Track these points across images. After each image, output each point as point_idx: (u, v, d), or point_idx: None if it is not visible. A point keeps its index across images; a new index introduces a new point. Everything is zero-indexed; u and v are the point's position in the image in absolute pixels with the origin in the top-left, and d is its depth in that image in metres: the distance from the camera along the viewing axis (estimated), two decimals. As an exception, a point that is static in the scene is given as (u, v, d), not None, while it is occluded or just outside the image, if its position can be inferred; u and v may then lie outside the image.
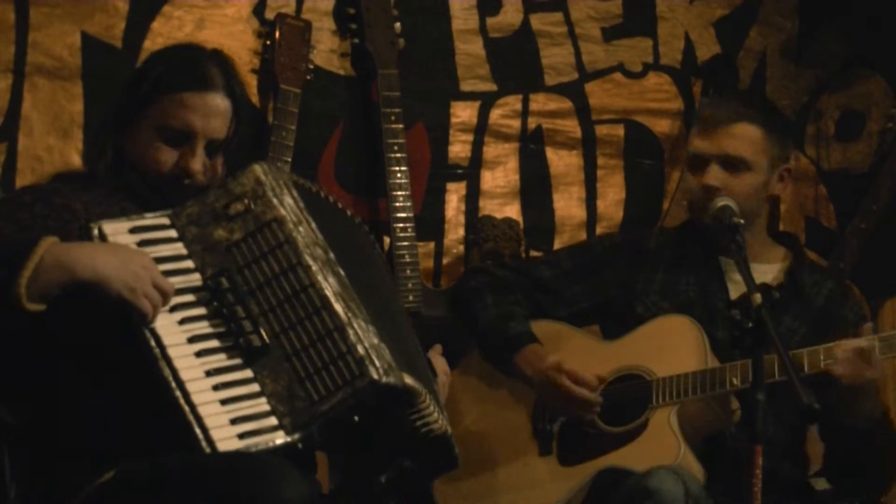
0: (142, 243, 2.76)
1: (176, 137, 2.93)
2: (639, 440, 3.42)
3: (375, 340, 2.76)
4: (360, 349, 2.71)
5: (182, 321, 2.73)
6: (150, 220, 2.82)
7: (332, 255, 2.83)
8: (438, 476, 3.50)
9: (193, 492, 2.60)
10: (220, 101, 2.95)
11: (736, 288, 3.50)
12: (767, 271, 3.56)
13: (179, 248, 2.80)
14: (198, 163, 2.94)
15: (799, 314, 3.55)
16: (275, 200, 2.82)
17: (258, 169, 2.86)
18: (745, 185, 3.48)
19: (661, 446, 3.35)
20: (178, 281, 2.75)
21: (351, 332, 2.72)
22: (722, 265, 3.56)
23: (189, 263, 2.79)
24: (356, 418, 2.73)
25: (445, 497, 3.69)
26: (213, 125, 2.94)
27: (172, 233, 2.81)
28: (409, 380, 2.78)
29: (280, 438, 2.67)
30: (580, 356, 3.54)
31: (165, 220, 2.82)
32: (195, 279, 2.78)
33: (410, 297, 4.15)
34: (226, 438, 2.63)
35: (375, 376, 2.70)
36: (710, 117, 3.53)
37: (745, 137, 3.49)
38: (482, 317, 3.64)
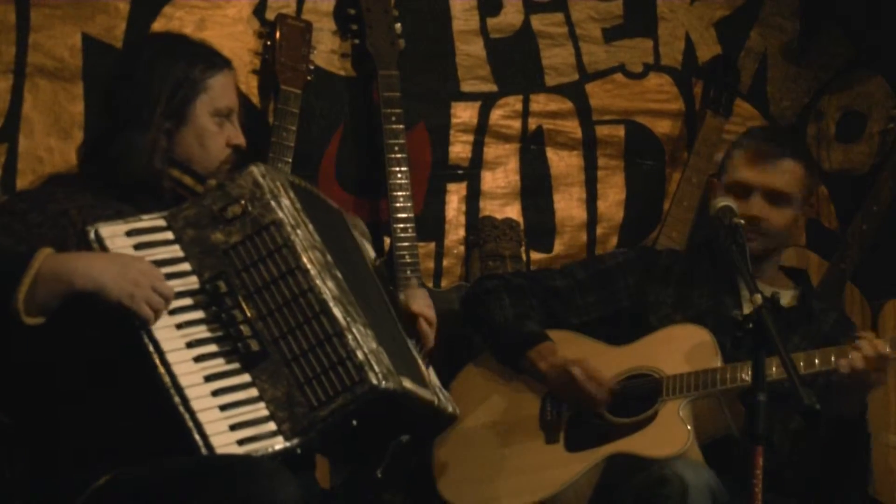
0: (139, 246, 2.76)
1: (222, 118, 2.98)
2: (647, 429, 3.44)
3: (374, 345, 2.76)
4: (360, 354, 2.71)
5: (180, 325, 2.73)
6: (146, 222, 2.81)
7: (329, 258, 2.83)
8: (436, 435, 3.52)
9: (186, 494, 2.60)
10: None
11: (750, 307, 3.51)
12: (783, 296, 3.59)
13: (176, 251, 2.80)
14: (242, 135, 3.01)
15: (807, 336, 3.60)
16: (273, 203, 2.81)
17: (255, 171, 2.85)
18: (783, 217, 3.61)
19: (669, 434, 3.38)
20: (175, 284, 2.74)
21: (350, 336, 2.73)
22: (737, 283, 3.61)
23: (186, 266, 2.79)
24: (354, 423, 2.73)
25: (450, 484, 3.69)
26: (236, 98, 3.05)
27: (169, 235, 2.81)
28: (407, 384, 2.79)
29: (279, 444, 2.68)
30: (592, 358, 3.56)
31: (162, 223, 2.82)
32: (192, 282, 2.78)
33: (411, 297, 4.15)
34: (225, 445, 2.64)
35: (375, 382, 2.70)
36: (761, 150, 3.63)
37: (791, 173, 3.61)
38: (499, 314, 3.68)
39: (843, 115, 4.95)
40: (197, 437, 2.63)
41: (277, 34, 4.13)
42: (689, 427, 3.36)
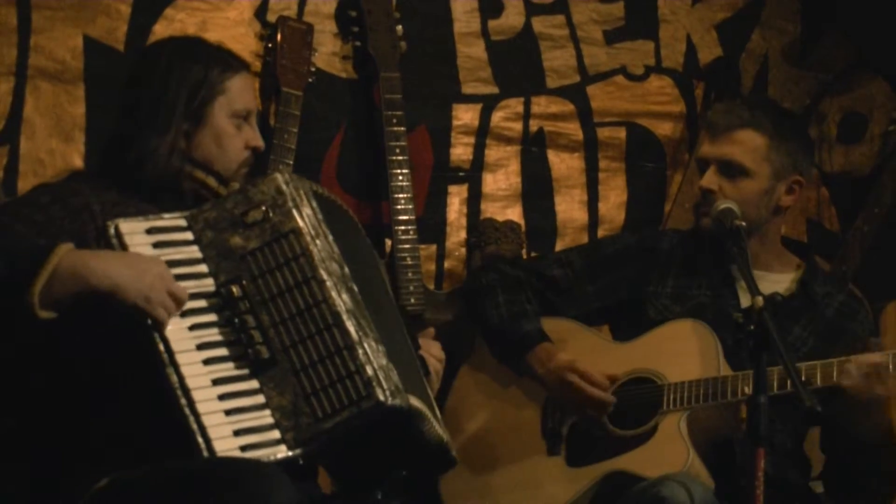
0: (157, 244, 2.75)
1: (240, 120, 2.99)
2: (647, 445, 3.41)
3: (384, 361, 2.74)
4: (369, 370, 2.70)
5: (192, 327, 2.71)
6: (167, 220, 2.80)
7: (346, 271, 2.82)
8: (436, 477, 3.50)
9: (182, 497, 2.59)
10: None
11: (747, 297, 3.49)
12: (780, 281, 3.56)
13: (194, 252, 2.79)
14: (260, 137, 3.02)
15: (808, 325, 3.54)
16: (294, 211, 2.80)
17: (279, 178, 2.84)
18: (741, 191, 3.48)
19: (669, 452, 3.34)
20: (190, 285, 2.73)
21: (361, 351, 2.71)
22: (733, 273, 3.55)
23: (203, 268, 2.78)
24: (357, 438, 2.72)
25: (452, 495, 3.68)
26: (254, 101, 3.05)
27: (188, 235, 2.80)
28: (414, 402, 2.78)
29: (282, 453, 2.66)
30: (591, 356, 3.54)
31: (182, 222, 2.81)
32: (208, 285, 2.77)
33: (412, 300, 4.15)
34: (228, 449, 2.62)
35: (381, 398, 2.69)
36: (716, 122, 3.55)
37: (746, 144, 3.49)
38: (494, 315, 3.64)
39: (845, 117, 4.96)
40: (200, 439, 2.62)
41: (279, 36, 4.14)
42: (689, 446, 3.33)
